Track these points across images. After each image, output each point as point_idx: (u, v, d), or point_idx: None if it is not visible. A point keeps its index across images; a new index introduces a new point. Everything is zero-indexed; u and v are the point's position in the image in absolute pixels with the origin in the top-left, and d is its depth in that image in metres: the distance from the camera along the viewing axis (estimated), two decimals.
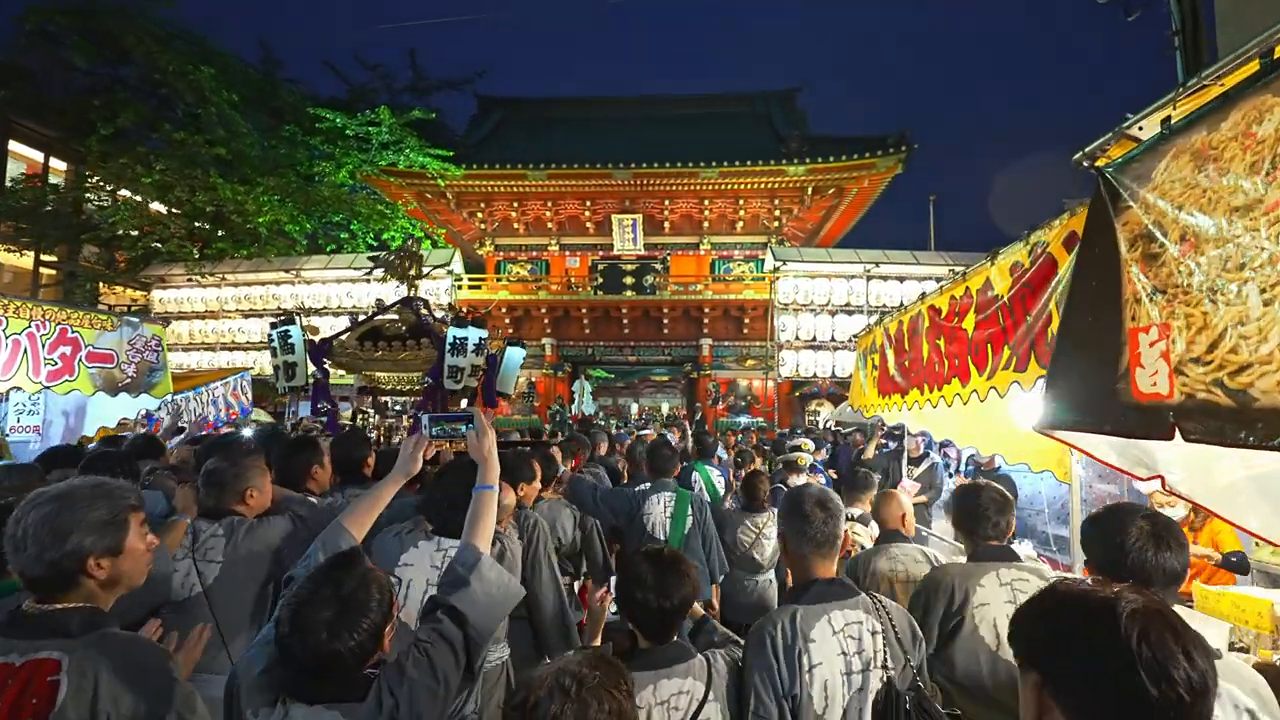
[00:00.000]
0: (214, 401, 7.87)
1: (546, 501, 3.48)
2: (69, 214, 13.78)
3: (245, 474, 2.33)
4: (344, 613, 1.26)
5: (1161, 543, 1.47)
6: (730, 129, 18.77)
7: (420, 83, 18.04)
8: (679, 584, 1.58)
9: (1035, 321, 2.32)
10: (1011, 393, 2.52)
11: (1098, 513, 1.65)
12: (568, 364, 17.97)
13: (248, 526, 2.24)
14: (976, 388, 2.83)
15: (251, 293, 13.88)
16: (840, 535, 1.81)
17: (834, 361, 12.40)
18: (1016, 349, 2.46)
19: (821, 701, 1.59)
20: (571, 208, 18.12)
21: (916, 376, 3.62)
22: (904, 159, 15.44)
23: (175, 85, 12.45)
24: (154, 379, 5.23)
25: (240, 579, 2.16)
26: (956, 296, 3.06)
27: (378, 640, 1.32)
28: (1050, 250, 2.25)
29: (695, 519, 3.61)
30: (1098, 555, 1.58)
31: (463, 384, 4.97)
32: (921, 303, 3.55)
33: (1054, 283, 2.23)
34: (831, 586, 1.75)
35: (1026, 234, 2.44)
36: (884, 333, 4.27)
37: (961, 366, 2.98)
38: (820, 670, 1.60)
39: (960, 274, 3.05)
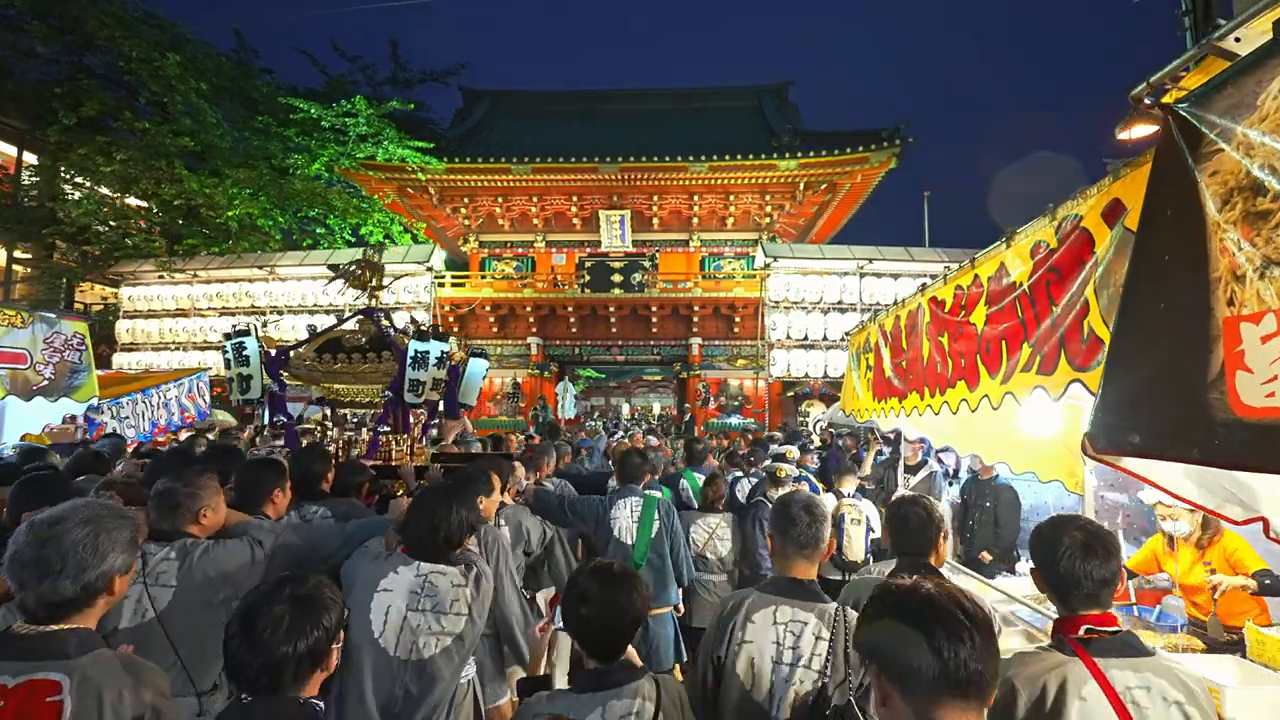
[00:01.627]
0: (166, 404, 7.38)
1: (510, 506, 3.42)
2: (32, 208, 13.21)
3: (199, 494, 2.26)
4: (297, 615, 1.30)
5: (1090, 551, 1.51)
6: (721, 123, 18.34)
7: (402, 74, 17.50)
8: (627, 601, 1.54)
9: (1065, 313, 1.89)
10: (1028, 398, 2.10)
11: (1041, 524, 1.66)
12: (554, 364, 17.49)
13: (202, 548, 2.17)
14: (988, 392, 2.41)
15: (224, 290, 13.38)
16: (824, 541, 1.91)
17: (826, 361, 12.05)
18: (1040, 347, 2.03)
19: (749, 678, 1.75)
20: (558, 203, 17.64)
21: (915, 379, 3.19)
22: (898, 153, 15.04)
23: (139, 73, 11.86)
24: (76, 381, 4.74)
25: (196, 603, 2.10)
26: (964, 286, 2.64)
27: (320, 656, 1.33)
28: (1085, 225, 1.82)
29: (662, 524, 3.59)
30: (1038, 563, 1.61)
31: (424, 397, 4.65)
32: (922, 295, 3.12)
33: (1090, 265, 1.80)
34: (795, 586, 1.86)
35: (1052, 208, 2.02)
36: (879, 330, 3.84)
37: (969, 367, 2.55)
38: (749, 648, 1.76)
39: (968, 260, 2.62)
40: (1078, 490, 4.60)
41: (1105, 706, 1.36)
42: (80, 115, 11.76)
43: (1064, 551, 1.52)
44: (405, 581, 2.08)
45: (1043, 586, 1.61)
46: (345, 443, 4.99)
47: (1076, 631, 1.48)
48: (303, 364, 4.90)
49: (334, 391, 5.10)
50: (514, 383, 17.02)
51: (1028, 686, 1.43)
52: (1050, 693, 1.40)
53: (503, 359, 17.02)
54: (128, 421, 6.79)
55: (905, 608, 1.03)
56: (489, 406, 17.00)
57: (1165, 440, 1.19)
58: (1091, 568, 1.50)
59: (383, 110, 13.84)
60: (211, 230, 13.49)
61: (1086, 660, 1.42)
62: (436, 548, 2.11)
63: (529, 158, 15.64)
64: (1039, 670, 1.45)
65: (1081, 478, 4.37)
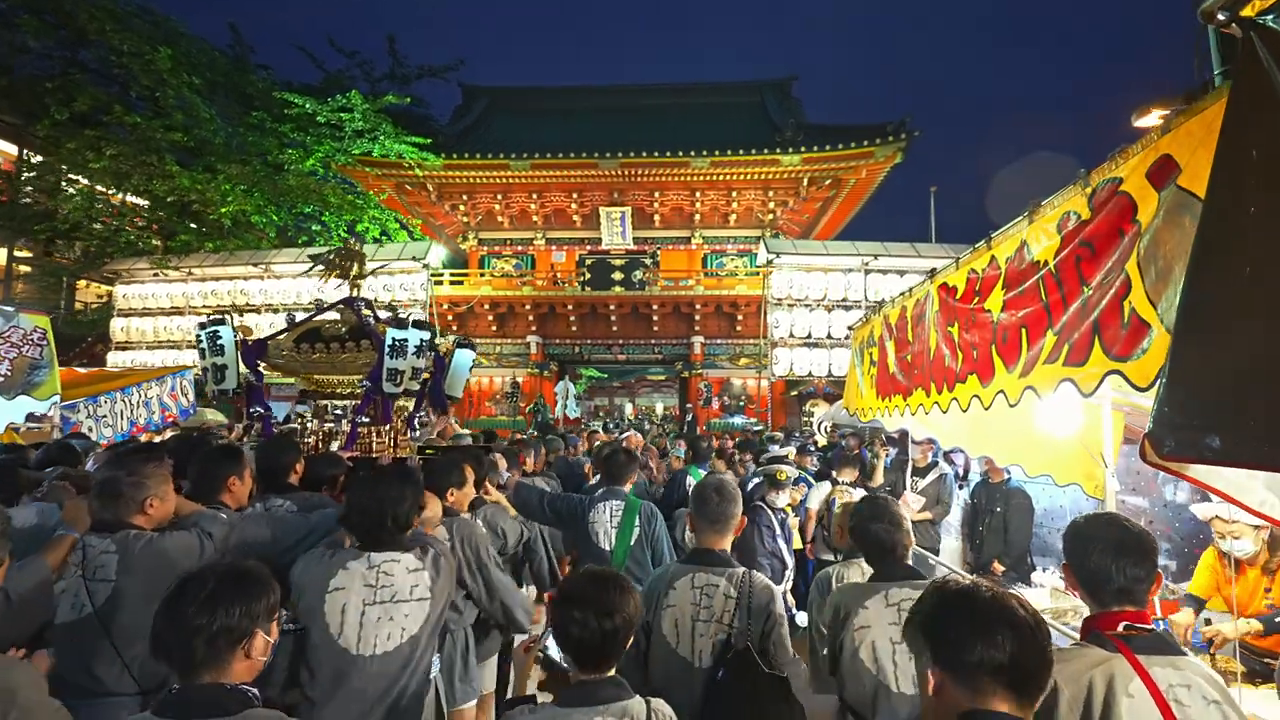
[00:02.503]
0: (146, 403, 7.15)
1: (488, 505, 3.30)
2: (25, 205, 13.04)
3: (143, 483, 2.17)
4: (217, 591, 1.28)
5: (1126, 547, 1.48)
6: (723, 119, 18.06)
7: (400, 70, 17.25)
8: (621, 602, 1.48)
9: (1099, 294, 1.61)
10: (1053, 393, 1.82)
11: (1076, 520, 1.62)
12: (554, 363, 17.24)
13: (146, 540, 2.07)
14: (1003, 388, 2.13)
15: (219, 288, 13.17)
16: (734, 517, 2.18)
17: (830, 359, 11.75)
18: (1068, 335, 1.75)
19: (673, 635, 2.03)
20: (557, 200, 17.40)
21: (921, 374, 2.91)
22: (904, 147, 14.74)
23: (131, 67, 11.65)
24: (37, 378, 4.52)
25: (137, 597, 2.00)
26: (978, 270, 2.36)
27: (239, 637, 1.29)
28: (1127, 189, 1.55)
29: (643, 530, 3.44)
30: (1072, 559, 1.57)
31: (402, 387, 4.47)
32: (930, 282, 2.84)
33: (1131, 236, 1.52)
34: (708, 555, 2.15)
35: (1084, 172, 1.74)
36: (883, 322, 3.56)
37: (982, 359, 2.27)
38: (672, 610, 2.06)
39: (984, 241, 2.34)
40: (1097, 494, 4.31)
41: (1150, 704, 1.32)
42: (73, 110, 11.58)
43: (1100, 547, 1.49)
44: (358, 576, 1.97)
45: (1074, 583, 1.57)
46: (325, 435, 4.86)
47: (1115, 628, 1.43)
48: (280, 353, 4.77)
49: (314, 382, 4.98)
50: (513, 382, 16.78)
51: (1071, 684, 1.38)
52: (1099, 690, 1.35)
53: (502, 358, 16.79)
54: (105, 420, 6.57)
55: (971, 604, 1.10)
56: (488, 406, 16.79)
57: (1263, 444, 0.91)
58: (1127, 563, 1.46)
59: (378, 105, 13.61)
60: (206, 227, 13.29)
61: (1130, 657, 1.36)
62: (384, 535, 2.01)
63: (528, 153, 15.40)
64: (1082, 667, 1.40)
65: (1102, 481, 4.09)
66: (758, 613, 2.02)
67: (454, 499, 2.89)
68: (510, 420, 15.80)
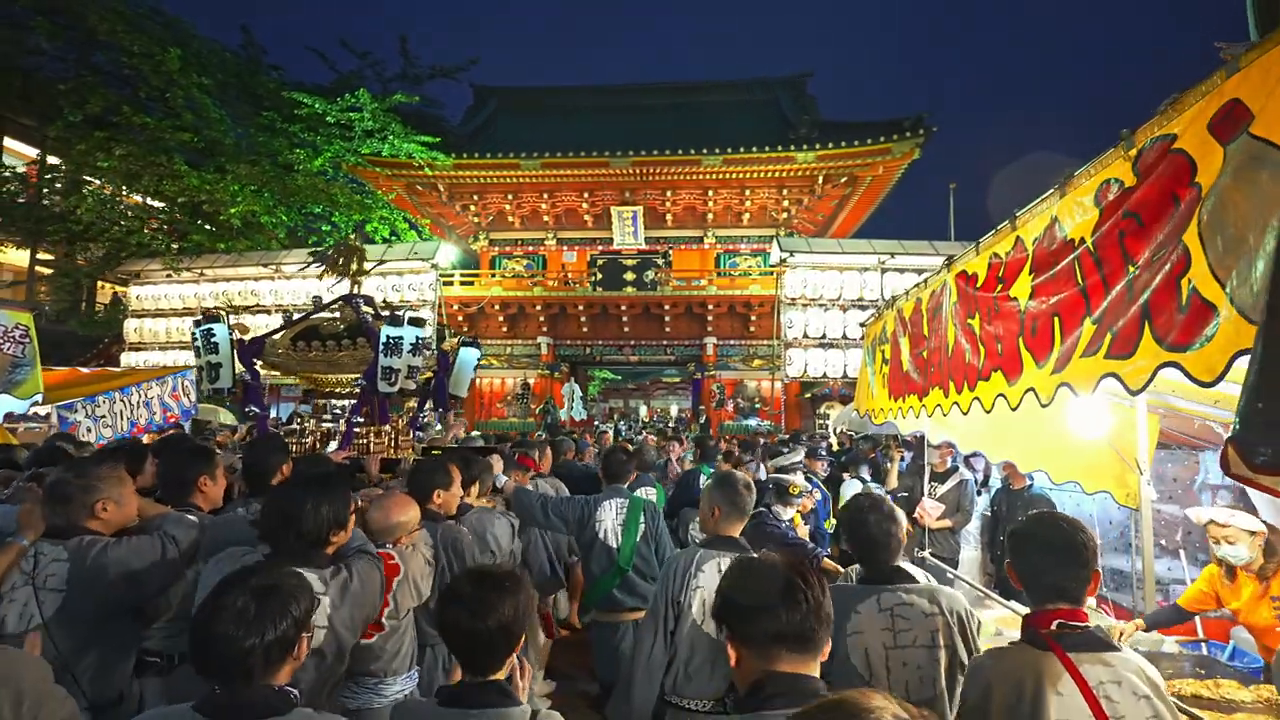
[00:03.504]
0: (147, 403, 7.06)
1: (476, 511, 3.13)
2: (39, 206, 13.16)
3: (95, 485, 2.08)
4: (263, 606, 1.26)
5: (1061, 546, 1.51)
6: (736, 117, 17.78)
7: (411, 70, 17.21)
8: (500, 604, 1.41)
9: (1150, 272, 1.36)
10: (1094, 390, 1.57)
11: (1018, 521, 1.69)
12: (565, 364, 17.06)
13: (100, 546, 1.98)
14: (1033, 385, 1.87)
15: (230, 288, 13.21)
16: (750, 508, 2.44)
17: (845, 360, 11.45)
18: (1110, 322, 1.50)
19: (700, 614, 2.17)
20: (569, 200, 17.23)
21: (938, 372, 2.65)
22: (921, 143, 14.36)
23: (141, 68, 11.68)
24: (19, 376, 4.40)
25: (90, 608, 1.94)
26: (1001, 254, 2.10)
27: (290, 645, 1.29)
28: (1182, 146, 1.30)
29: (647, 527, 3.48)
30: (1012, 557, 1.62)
31: (397, 386, 4.33)
32: (948, 270, 2.58)
33: (1189, 201, 1.27)
34: (730, 541, 2.35)
35: (1127, 133, 1.48)
36: (896, 316, 3.31)
37: (1008, 354, 2.02)
38: (700, 592, 2.19)
39: (1007, 222, 2.09)
40: (1129, 503, 4.00)
41: (1080, 701, 1.34)
42: (86, 113, 11.63)
43: (1037, 545, 1.54)
44: None
45: (1016, 581, 1.61)
46: (324, 435, 4.75)
47: (1048, 626, 1.44)
48: (276, 352, 4.66)
49: (314, 381, 4.88)
50: (524, 383, 16.64)
51: (1003, 683, 1.43)
52: (1028, 689, 1.39)
53: (513, 359, 16.66)
54: (104, 421, 6.48)
55: (751, 581, 1.25)
56: (499, 408, 16.66)
57: None
58: (1062, 562, 1.49)
59: (387, 104, 13.54)
60: (217, 228, 13.31)
61: (1060, 655, 1.38)
62: (294, 548, 1.83)
63: (538, 153, 15.25)
64: (1014, 666, 1.44)
65: (1136, 489, 3.80)
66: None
67: (440, 501, 2.77)
68: (521, 422, 15.65)
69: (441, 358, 4.93)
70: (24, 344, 4.42)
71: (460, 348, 5.28)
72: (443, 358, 4.96)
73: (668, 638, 2.23)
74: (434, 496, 2.74)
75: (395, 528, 2.39)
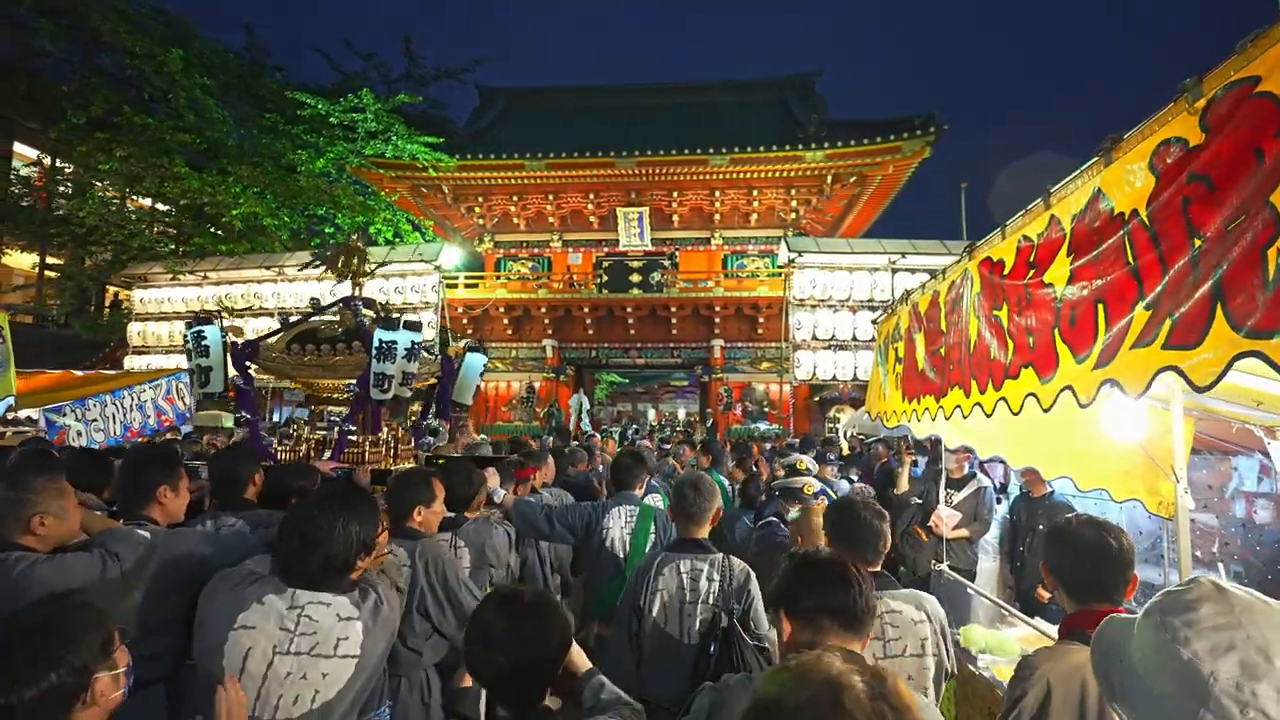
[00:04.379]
0: (140, 406, 6.92)
1: (474, 523, 3.00)
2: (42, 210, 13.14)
3: (28, 499, 1.91)
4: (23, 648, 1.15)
5: (1108, 546, 1.51)
6: (744, 116, 17.54)
7: (416, 71, 17.10)
8: (540, 637, 1.31)
9: (1221, 245, 1.13)
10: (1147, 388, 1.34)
11: (1055, 523, 1.67)
12: (570, 367, 16.86)
13: (26, 565, 1.81)
14: (1071, 382, 1.64)
15: (233, 291, 13.12)
16: (710, 510, 2.40)
17: (856, 362, 11.17)
18: (1169, 306, 1.27)
19: (662, 616, 2.23)
20: (574, 201, 17.05)
21: (958, 370, 2.42)
22: (932, 141, 14.08)
23: (143, 68, 11.61)
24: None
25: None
26: (1033, 237, 1.87)
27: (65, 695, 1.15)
28: (1270, 89, 1.06)
29: (659, 537, 3.29)
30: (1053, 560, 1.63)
31: (391, 393, 4.13)
32: (969, 258, 2.35)
33: (1273, 158, 1.04)
34: (692, 544, 2.38)
35: (1192, 81, 1.25)
36: (910, 312, 3.07)
37: (1041, 348, 1.78)
38: (662, 594, 2.26)
39: (1040, 200, 1.85)
40: (1162, 512, 3.74)
41: None
42: (89, 115, 11.59)
43: (1084, 548, 1.52)
44: (273, 614, 1.59)
45: (1053, 583, 1.61)
46: (318, 443, 4.58)
47: (1096, 625, 1.27)
48: (270, 355, 4.51)
49: (311, 386, 4.72)
50: (529, 387, 16.46)
51: (1063, 685, 1.40)
52: (1091, 690, 1.36)
53: (518, 362, 16.49)
54: (95, 425, 6.34)
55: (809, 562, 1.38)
56: (504, 412, 16.49)
57: None
58: (1107, 563, 1.49)
59: (391, 105, 13.42)
60: (220, 230, 13.23)
61: None
62: (315, 572, 1.65)
63: (543, 153, 15.09)
64: (1073, 666, 1.40)
65: (1170, 497, 3.54)
66: (738, 592, 2.24)
67: (420, 519, 2.57)
68: (526, 426, 15.46)
69: (446, 363, 4.74)
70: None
71: (466, 353, 5.07)
72: (447, 363, 4.77)
73: (632, 640, 2.26)
74: (414, 514, 2.56)
75: None
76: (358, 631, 1.63)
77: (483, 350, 5.24)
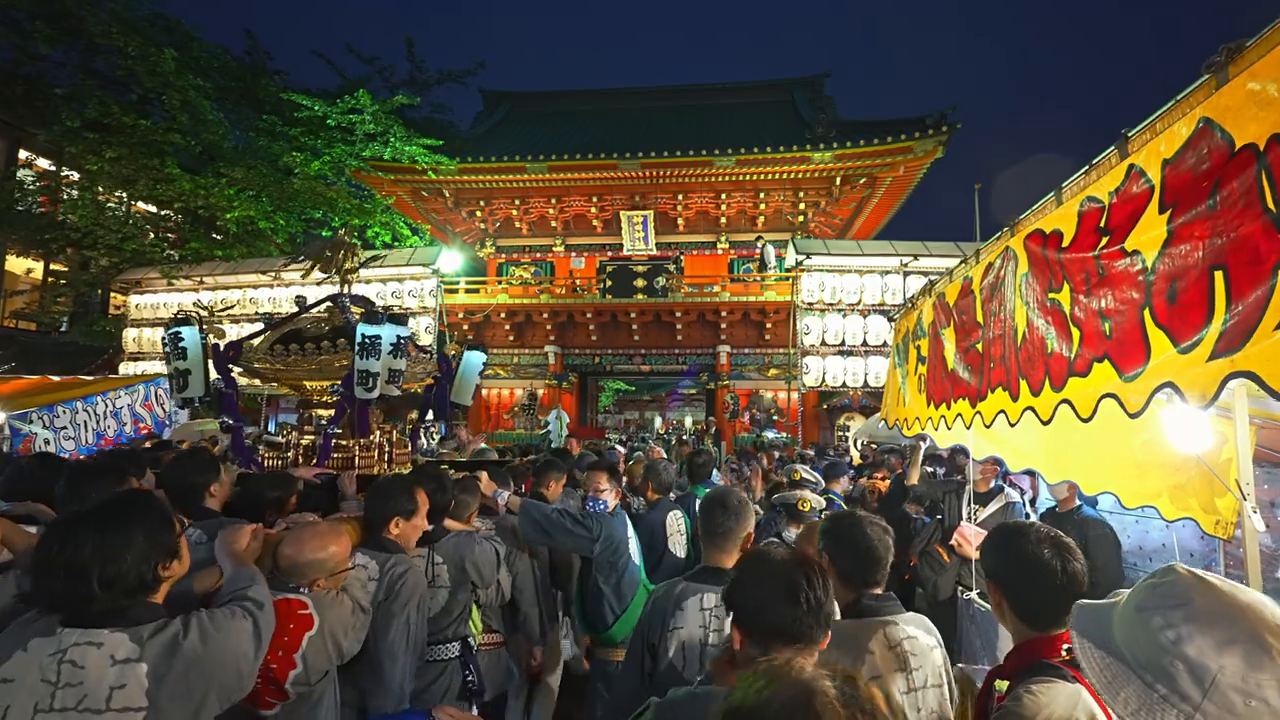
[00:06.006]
0: (115, 413, 6.60)
1: (454, 535, 2.70)
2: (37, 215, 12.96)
3: None
4: None
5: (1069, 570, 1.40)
6: (751, 118, 17.21)
7: (419, 75, 16.91)
8: None
9: None
10: None
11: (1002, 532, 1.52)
12: (573, 374, 16.49)
13: None
14: (1173, 378, 1.24)
15: (229, 296, 12.89)
16: (739, 533, 2.06)
17: (866, 368, 10.73)
18: None
19: (680, 659, 1.91)
20: (577, 205, 16.73)
21: (1000, 368, 2.01)
22: (945, 141, 13.66)
23: (136, 69, 11.41)
24: None
25: None
26: (1102, 195, 1.47)
27: None
28: None
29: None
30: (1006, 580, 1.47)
31: (377, 391, 3.86)
32: (1011, 235, 1.95)
33: None
34: (716, 574, 2.01)
35: None
36: (936, 305, 2.67)
37: (1124, 336, 1.38)
38: (680, 633, 1.93)
39: (1112, 149, 1.46)
40: (1219, 533, 3.30)
41: None
42: (84, 118, 11.41)
43: (1046, 564, 1.37)
44: (35, 664, 1.26)
45: (1007, 602, 1.43)
46: (306, 449, 4.31)
47: (1058, 654, 1.29)
48: (255, 358, 4.24)
49: (300, 389, 4.46)
50: (531, 394, 16.11)
51: None
52: None
53: (520, 369, 16.15)
54: (65, 432, 6.03)
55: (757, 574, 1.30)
56: (506, 419, 16.15)
57: None
58: (1072, 583, 1.36)
59: (389, 107, 13.17)
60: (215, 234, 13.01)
61: (1086, 686, 1.21)
62: (86, 605, 1.31)
63: (544, 155, 14.79)
64: (1067, 707, 1.23)
65: (1230, 517, 3.12)
66: None
67: (398, 532, 2.33)
68: (528, 434, 15.10)
69: (444, 363, 4.55)
70: None
71: (465, 352, 4.88)
72: (445, 363, 4.57)
73: (645, 679, 1.98)
74: (391, 526, 2.32)
75: (308, 567, 1.90)
76: (139, 678, 1.27)
77: (482, 348, 5.04)
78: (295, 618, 1.81)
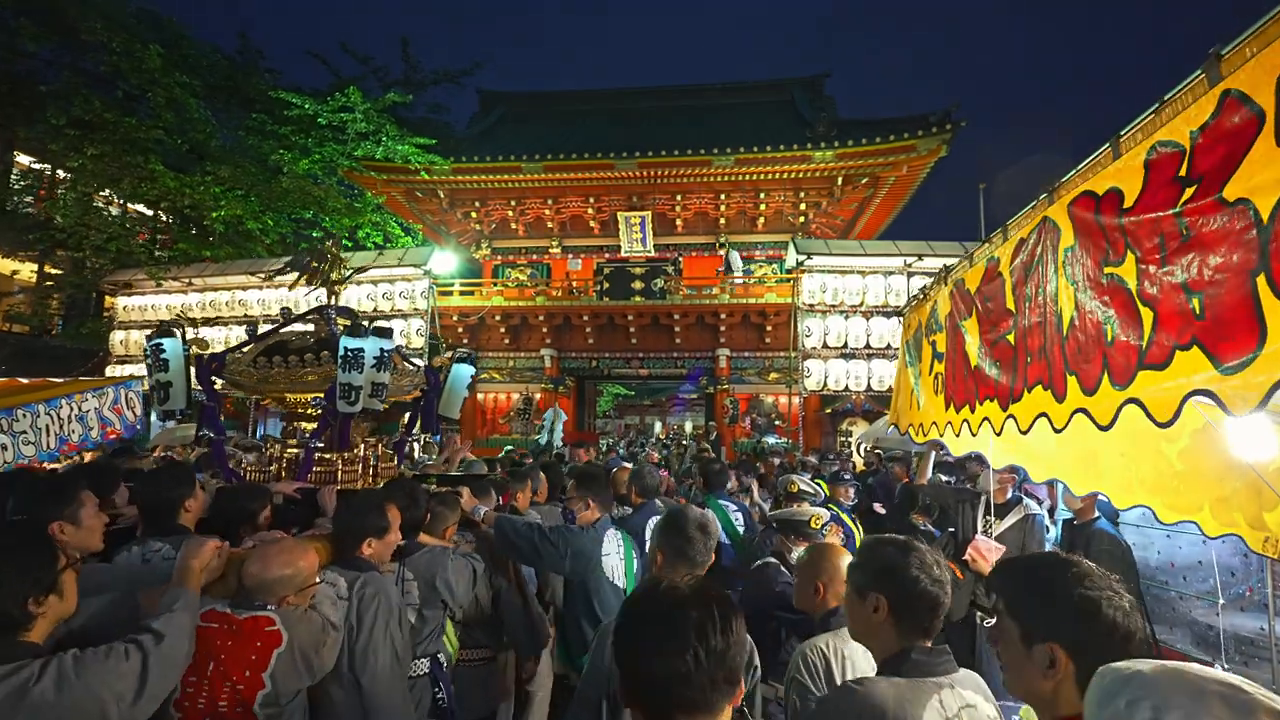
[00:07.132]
0: (81, 417, 6.28)
1: (427, 550, 2.65)
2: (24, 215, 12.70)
3: None
4: None
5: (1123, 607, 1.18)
6: (750, 117, 16.92)
7: (414, 75, 16.65)
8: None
9: None
10: None
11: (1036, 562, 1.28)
12: (570, 377, 16.16)
13: None
14: None
15: (218, 298, 12.60)
16: (707, 552, 1.90)
17: (869, 371, 10.39)
18: None
19: None
20: (574, 205, 16.43)
21: (1039, 363, 1.69)
22: (949, 139, 13.36)
23: (120, 65, 11.16)
24: None
25: None
26: (1183, 140, 1.15)
27: None
28: None
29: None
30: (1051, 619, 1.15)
31: (359, 405, 3.70)
32: (1050, 202, 1.62)
33: None
34: None
35: None
36: (953, 293, 2.34)
37: (1218, 317, 1.06)
38: None
39: (1199, 73, 1.13)
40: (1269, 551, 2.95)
41: None
42: (70, 116, 11.16)
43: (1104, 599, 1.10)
44: None
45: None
46: (290, 462, 4.13)
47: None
48: (238, 370, 4.07)
49: (285, 402, 4.30)
50: (527, 398, 15.78)
51: None
52: None
53: (515, 373, 15.84)
54: (24, 437, 5.71)
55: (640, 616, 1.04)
56: (502, 423, 15.82)
57: None
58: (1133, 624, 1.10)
59: (381, 105, 12.90)
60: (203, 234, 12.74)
61: None
62: None
63: (540, 155, 14.50)
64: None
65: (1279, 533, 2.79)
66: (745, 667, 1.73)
67: (371, 551, 2.30)
68: (524, 439, 14.77)
69: (431, 375, 4.42)
70: None
71: (454, 364, 4.75)
72: (432, 375, 4.44)
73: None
74: (364, 546, 2.28)
75: (275, 584, 1.88)
76: None
77: (471, 361, 4.89)
78: (263, 635, 1.80)
